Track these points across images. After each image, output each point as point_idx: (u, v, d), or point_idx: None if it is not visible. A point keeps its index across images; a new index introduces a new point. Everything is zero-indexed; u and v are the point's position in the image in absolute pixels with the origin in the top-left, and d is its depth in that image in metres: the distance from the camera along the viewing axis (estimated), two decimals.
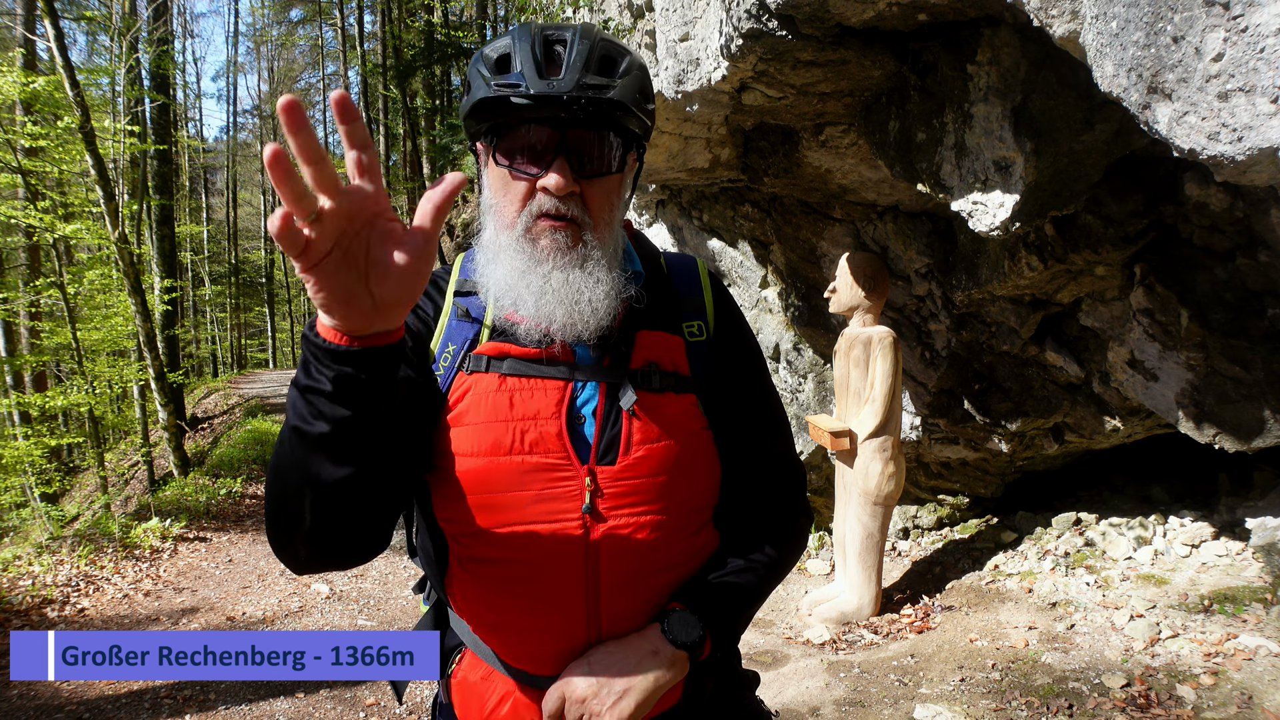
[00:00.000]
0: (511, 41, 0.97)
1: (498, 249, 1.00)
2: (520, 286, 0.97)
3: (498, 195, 1.01)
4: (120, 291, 11.07)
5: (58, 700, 3.66)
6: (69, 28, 19.52)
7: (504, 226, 0.99)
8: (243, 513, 7.50)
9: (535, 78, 0.93)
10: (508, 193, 0.99)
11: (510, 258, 0.98)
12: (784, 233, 4.76)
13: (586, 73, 0.94)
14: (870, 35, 2.87)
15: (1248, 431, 3.17)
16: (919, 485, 5.38)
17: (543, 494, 0.97)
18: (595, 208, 0.99)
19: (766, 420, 1.13)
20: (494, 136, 0.99)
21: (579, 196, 0.98)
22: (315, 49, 33.00)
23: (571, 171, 0.96)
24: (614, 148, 0.99)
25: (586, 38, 0.97)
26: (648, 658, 0.97)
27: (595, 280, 0.97)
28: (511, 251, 0.98)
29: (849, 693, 3.29)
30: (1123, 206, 3.00)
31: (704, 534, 1.08)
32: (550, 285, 0.96)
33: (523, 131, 0.97)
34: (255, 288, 33.18)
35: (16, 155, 9.55)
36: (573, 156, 0.96)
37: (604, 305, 0.97)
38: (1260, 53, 1.44)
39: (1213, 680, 2.89)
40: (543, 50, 0.96)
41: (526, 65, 0.94)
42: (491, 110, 0.97)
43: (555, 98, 0.92)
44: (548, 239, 0.97)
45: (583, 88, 0.93)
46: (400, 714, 3.56)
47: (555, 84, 0.92)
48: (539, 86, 0.92)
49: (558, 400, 0.99)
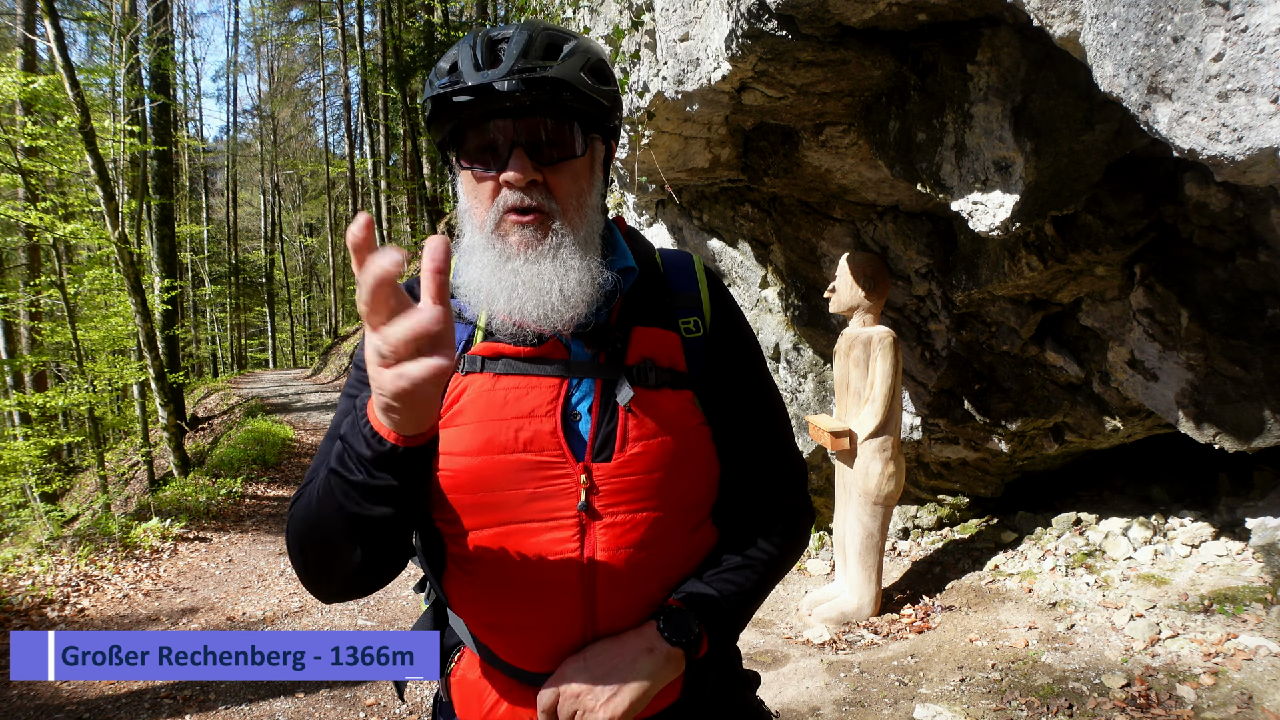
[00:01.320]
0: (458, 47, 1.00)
1: (472, 249, 1.01)
2: (492, 283, 0.98)
3: (469, 198, 1.02)
4: (120, 291, 11.06)
5: (58, 700, 3.66)
6: (69, 28, 19.53)
7: (477, 228, 1.01)
8: (243, 513, 7.50)
9: (472, 71, 0.95)
10: (476, 194, 1.00)
11: (481, 256, 0.99)
12: (784, 233, 4.76)
13: (525, 59, 0.95)
14: (870, 35, 2.87)
15: (1248, 431, 3.17)
16: (919, 485, 5.38)
17: (538, 492, 0.97)
18: (562, 194, 0.99)
19: (765, 416, 1.13)
20: (455, 143, 1.01)
21: (543, 186, 0.98)
22: (315, 49, 32.99)
23: (531, 161, 0.96)
24: (572, 131, 1.00)
25: (527, 29, 0.98)
26: (643, 655, 0.97)
27: (567, 269, 0.97)
28: (483, 249, 0.99)
29: (849, 693, 3.29)
30: (1123, 206, 3.00)
31: (702, 531, 1.07)
32: (520, 279, 0.96)
33: (479, 131, 0.98)
34: (255, 288, 33.18)
35: (16, 155, 9.55)
36: (531, 147, 0.97)
37: (577, 293, 0.97)
38: (1260, 53, 1.44)
39: (1213, 680, 2.89)
40: (484, 49, 0.97)
41: (465, 62, 0.96)
42: (443, 112, 0.98)
43: (490, 85, 0.93)
44: (516, 234, 0.98)
45: (518, 71, 0.94)
46: (400, 714, 3.56)
47: (490, 73, 0.94)
48: (475, 78, 0.94)
49: (552, 398, 0.99)
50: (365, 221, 0.71)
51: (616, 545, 0.98)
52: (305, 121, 37.07)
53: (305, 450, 10.95)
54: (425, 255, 0.72)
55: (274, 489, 8.65)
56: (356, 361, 1.00)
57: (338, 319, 28.13)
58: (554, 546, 0.97)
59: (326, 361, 23.05)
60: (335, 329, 27.21)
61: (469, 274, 1.00)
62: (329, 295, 31.88)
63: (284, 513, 7.52)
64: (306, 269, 38.42)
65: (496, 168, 0.98)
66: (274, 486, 8.76)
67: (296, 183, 37.40)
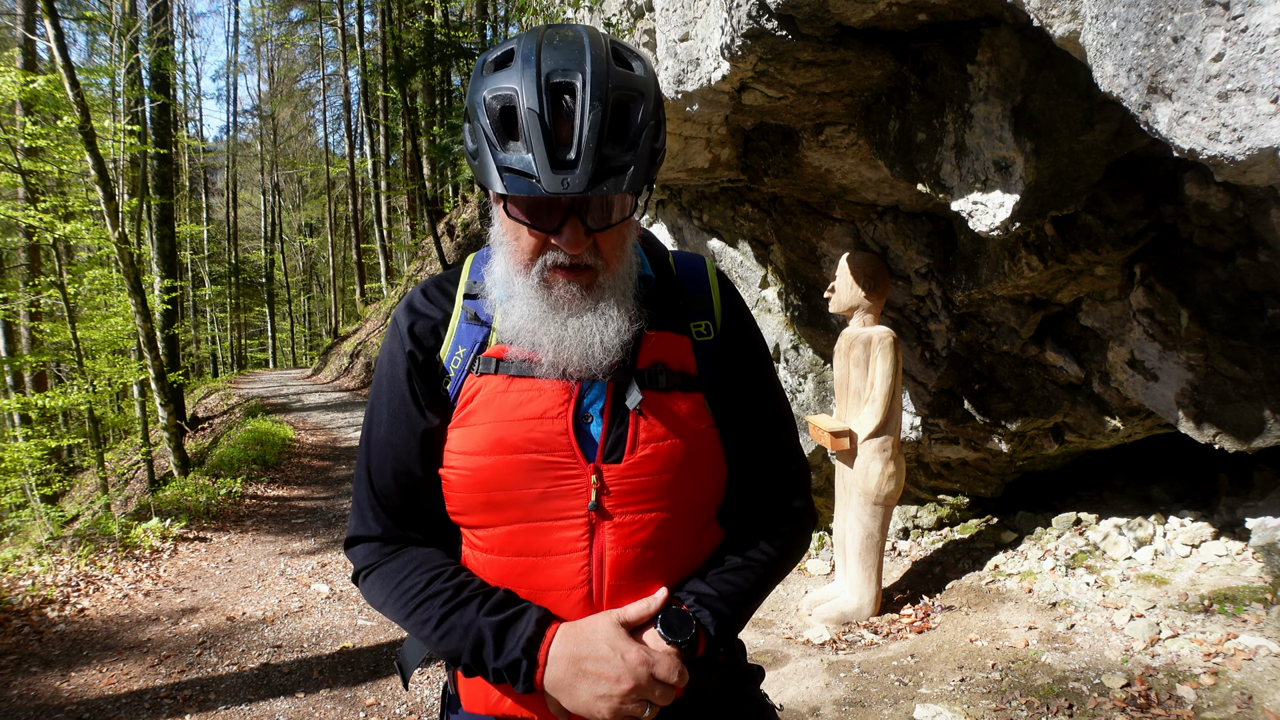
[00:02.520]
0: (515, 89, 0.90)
1: (512, 289, 1.01)
2: (539, 333, 0.99)
3: (510, 236, 1.00)
4: (120, 291, 11.06)
5: (58, 700, 3.66)
6: (69, 28, 19.54)
7: (518, 268, 1.00)
8: (243, 513, 7.50)
9: (548, 170, 0.87)
10: (519, 238, 0.98)
11: (526, 303, 0.99)
12: (784, 233, 4.76)
13: (600, 150, 0.88)
14: (870, 35, 2.87)
15: (1248, 431, 3.17)
16: (919, 485, 5.38)
17: (549, 491, 1.00)
18: (607, 250, 0.99)
19: (772, 418, 1.15)
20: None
21: (593, 245, 0.98)
22: (315, 49, 33.00)
23: (584, 228, 0.95)
24: (628, 200, 0.98)
25: (598, 94, 0.89)
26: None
27: (605, 320, 0.99)
28: (527, 297, 0.99)
29: (849, 693, 3.29)
30: (1123, 206, 3.00)
31: (709, 531, 1.09)
32: (567, 332, 0.98)
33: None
34: (255, 288, 33.20)
35: (16, 155, 9.55)
36: (585, 214, 0.95)
37: (615, 342, 0.99)
38: (1260, 53, 1.44)
39: (1213, 680, 2.89)
40: (550, 107, 0.88)
41: (537, 148, 0.88)
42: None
43: (564, 191, 0.88)
44: (562, 289, 0.98)
45: (598, 178, 0.88)
46: (400, 714, 3.56)
47: (570, 180, 0.87)
48: (553, 184, 0.87)
49: (564, 400, 1.01)
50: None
51: (625, 545, 1.00)
52: (305, 121, 37.08)
53: (305, 450, 10.95)
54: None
55: (274, 489, 8.65)
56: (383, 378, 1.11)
57: (338, 319, 28.13)
58: (563, 545, 1.00)
59: (326, 361, 23.05)
60: (335, 329, 27.21)
61: (513, 313, 1.00)
62: (329, 295, 31.88)
63: (284, 513, 7.52)
64: (306, 269, 38.44)
65: (548, 228, 0.95)
66: (274, 486, 8.76)
67: (296, 183, 37.41)
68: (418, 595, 1.02)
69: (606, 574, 1.00)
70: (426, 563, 1.06)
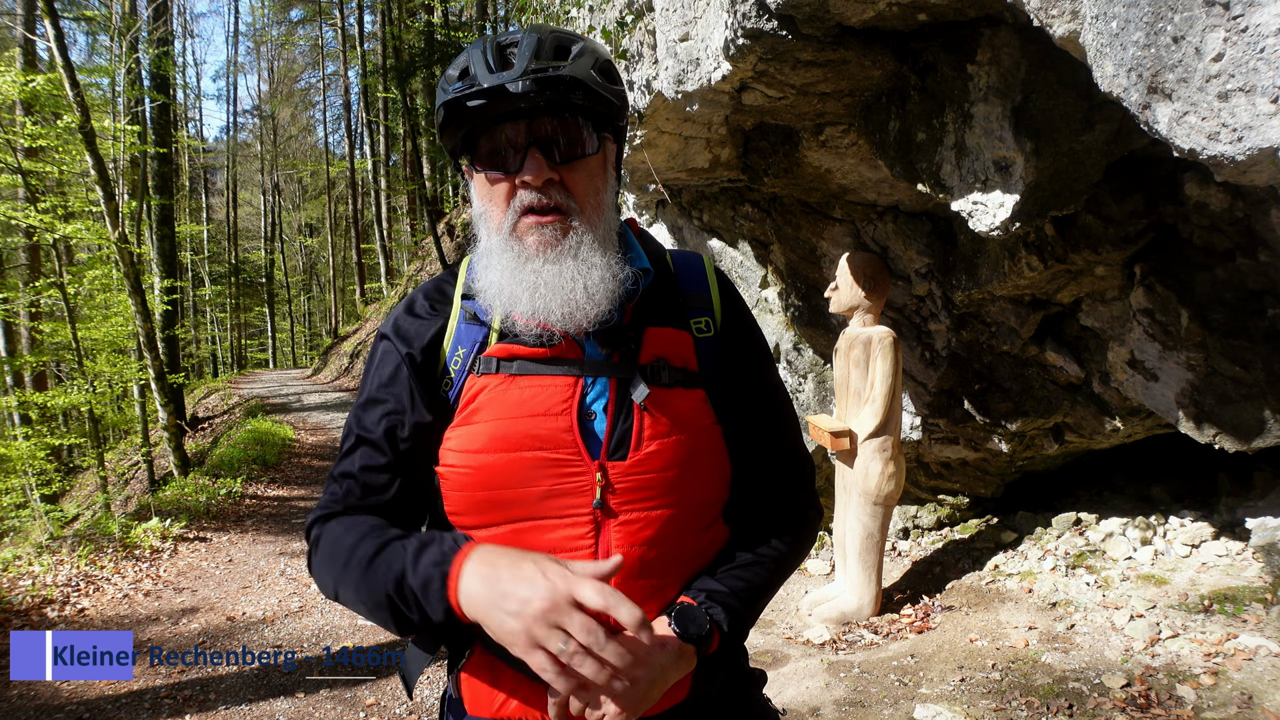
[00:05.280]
0: (467, 53, 1.00)
1: (489, 252, 1.02)
2: (514, 285, 0.99)
3: (484, 202, 1.03)
4: (120, 291, 11.06)
5: (58, 700, 3.66)
6: (69, 28, 19.52)
7: (494, 230, 1.02)
8: (243, 513, 7.49)
9: (485, 74, 0.96)
10: (492, 198, 1.02)
11: (500, 258, 1.00)
12: (784, 233, 4.76)
13: (536, 60, 0.96)
14: (870, 35, 2.87)
15: (1248, 431, 3.17)
16: (919, 485, 5.38)
17: (553, 489, 0.99)
18: (579, 192, 1.00)
19: (774, 414, 1.15)
20: (468, 149, 1.02)
21: (560, 184, 0.99)
22: (315, 49, 32.99)
23: (546, 160, 0.98)
24: (585, 129, 1.01)
25: (535, 32, 0.99)
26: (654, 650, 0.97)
27: (589, 266, 0.99)
28: (500, 252, 1.00)
29: (849, 693, 3.28)
30: (1123, 206, 3.00)
31: (714, 529, 1.09)
32: (542, 279, 0.97)
33: (492, 135, 1.00)
34: (255, 288, 33.18)
35: (16, 155, 9.55)
36: (545, 147, 0.98)
37: (600, 290, 0.99)
38: (1260, 53, 1.44)
39: (1213, 680, 2.89)
40: (494, 53, 0.98)
41: (477, 66, 0.97)
42: (455, 118, 0.99)
43: (503, 87, 0.94)
44: (535, 235, 0.99)
45: (531, 72, 0.95)
46: (400, 714, 3.56)
47: (504, 75, 0.95)
48: (489, 80, 0.95)
49: (567, 397, 1.01)
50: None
51: (630, 542, 0.99)
52: (305, 121, 37.07)
53: (305, 450, 10.95)
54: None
55: (274, 489, 8.65)
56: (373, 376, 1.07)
57: (338, 319, 28.11)
58: (568, 543, 0.99)
59: (326, 361, 23.04)
60: (335, 329, 27.20)
61: (488, 277, 1.01)
62: (329, 295, 31.86)
63: (284, 513, 7.52)
64: (306, 269, 38.42)
65: (512, 169, 0.99)
66: (274, 486, 8.76)
67: (296, 183, 37.39)
68: (352, 546, 0.98)
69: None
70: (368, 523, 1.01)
